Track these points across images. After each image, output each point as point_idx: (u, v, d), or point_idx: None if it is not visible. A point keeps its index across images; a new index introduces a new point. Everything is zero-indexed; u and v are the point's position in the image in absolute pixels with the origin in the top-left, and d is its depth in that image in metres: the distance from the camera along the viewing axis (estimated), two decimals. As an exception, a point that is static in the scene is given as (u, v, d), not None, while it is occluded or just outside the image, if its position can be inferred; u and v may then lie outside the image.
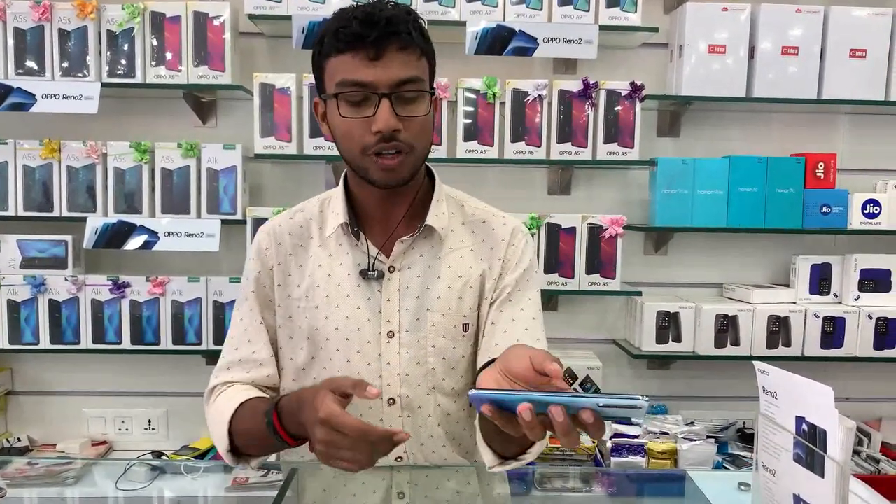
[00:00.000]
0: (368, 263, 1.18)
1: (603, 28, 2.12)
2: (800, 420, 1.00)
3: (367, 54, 1.04)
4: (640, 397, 0.72)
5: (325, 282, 1.19)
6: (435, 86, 1.17)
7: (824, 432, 0.95)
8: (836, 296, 2.31)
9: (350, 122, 1.07)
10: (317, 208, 1.25)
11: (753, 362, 1.09)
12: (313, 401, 0.92)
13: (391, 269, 1.18)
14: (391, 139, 1.06)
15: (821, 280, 2.30)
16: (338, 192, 1.22)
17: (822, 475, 0.96)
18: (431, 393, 1.19)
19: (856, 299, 2.28)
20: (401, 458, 1.21)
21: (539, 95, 2.15)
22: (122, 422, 2.37)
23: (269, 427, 1.02)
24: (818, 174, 2.21)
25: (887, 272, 2.28)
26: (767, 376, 1.07)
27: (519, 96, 2.15)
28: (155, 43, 2.10)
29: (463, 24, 2.09)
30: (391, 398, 1.18)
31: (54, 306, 2.15)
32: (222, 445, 1.12)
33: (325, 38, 1.08)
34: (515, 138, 2.16)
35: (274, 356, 1.23)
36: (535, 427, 0.76)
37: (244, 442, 1.12)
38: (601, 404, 0.73)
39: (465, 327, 1.19)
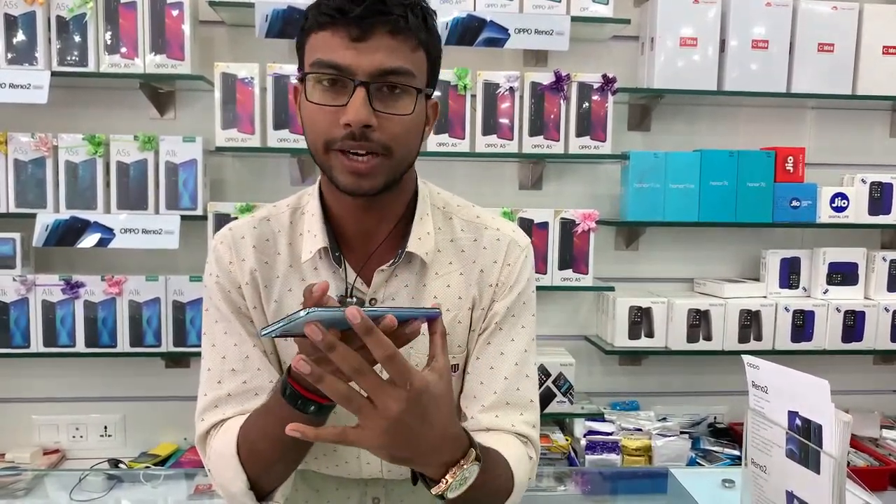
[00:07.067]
0: (346, 290, 1.02)
1: (574, 19, 2.09)
2: (793, 415, 0.97)
3: (348, 33, 0.89)
4: (436, 310, 0.81)
5: None
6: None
7: (819, 427, 0.93)
8: (805, 289, 2.32)
9: (318, 109, 0.92)
10: (286, 219, 1.07)
11: (743, 356, 1.07)
12: None
13: (372, 301, 1.04)
14: (362, 137, 0.90)
15: (790, 274, 2.30)
16: (313, 207, 1.05)
17: (817, 471, 0.93)
18: None
19: (824, 293, 2.29)
20: (378, 498, 1.14)
21: (511, 87, 2.10)
22: (76, 428, 2.25)
23: (285, 392, 0.85)
24: (788, 168, 2.21)
25: (854, 265, 2.30)
26: (757, 370, 1.04)
27: (490, 88, 2.10)
28: (109, 30, 2.00)
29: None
30: None
31: (2, 308, 2.03)
32: (238, 485, 0.95)
33: (309, 12, 0.94)
34: (487, 131, 2.12)
35: (272, 368, 1.04)
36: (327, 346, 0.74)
37: (261, 462, 0.95)
38: (397, 315, 0.77)
39: (455, 367, 1.06)
